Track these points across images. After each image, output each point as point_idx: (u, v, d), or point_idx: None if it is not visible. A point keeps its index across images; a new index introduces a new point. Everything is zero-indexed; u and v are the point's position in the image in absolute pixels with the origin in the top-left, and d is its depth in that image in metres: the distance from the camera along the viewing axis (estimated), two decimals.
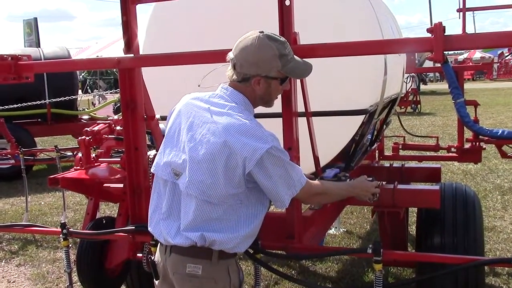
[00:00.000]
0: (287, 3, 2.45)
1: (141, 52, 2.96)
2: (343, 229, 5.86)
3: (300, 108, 2.61)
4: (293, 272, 4.74)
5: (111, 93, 17.38)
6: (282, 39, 2.18)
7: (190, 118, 2.15)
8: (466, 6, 6.04)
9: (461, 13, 5.94)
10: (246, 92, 2.17)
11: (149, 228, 2.29)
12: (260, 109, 2.28)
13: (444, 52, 2.22)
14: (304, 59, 2.26)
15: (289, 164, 2.10)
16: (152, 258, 2.35)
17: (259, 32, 2.13)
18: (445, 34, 2.17)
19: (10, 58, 3.08)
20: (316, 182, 2.33)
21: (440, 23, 2.13)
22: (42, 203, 7.75)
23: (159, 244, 2.29)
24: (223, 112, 2.10)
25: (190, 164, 2.08)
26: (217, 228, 2.10)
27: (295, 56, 2.21)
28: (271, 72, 2.13)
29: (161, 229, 2.20)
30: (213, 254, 2.11)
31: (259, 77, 2.12)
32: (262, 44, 2.09)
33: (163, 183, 2.23)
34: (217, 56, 2.68)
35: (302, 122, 2.63)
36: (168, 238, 2.17)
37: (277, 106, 2.56)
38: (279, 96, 2.52)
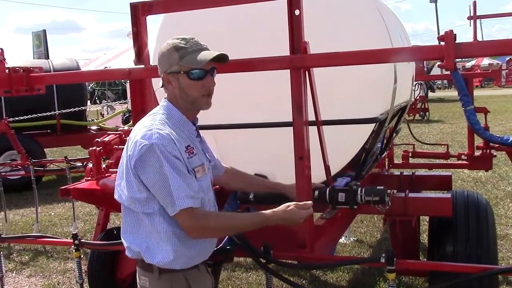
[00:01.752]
0: (297, 12, 2.46)
1: (151, 63, 2.98)
2: (354, 238, 5.83)
3: (311, 117, 2.60)
4: (303, 281, 4.71)
5: (119, 103, 17.44)
6: (188, 37, 2.12)
7: None
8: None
9: (471, 20, 5.93)
10: (170, 96, 2.18)
11: None
12: (271, 118, 2.26)
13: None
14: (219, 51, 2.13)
15: (173, 175, 1.96)
16: None
17: None
18: (456, 41, 2.17)
19: (22, 70, 3.11)
20: (205, 214, 2.09)
21: (451, 31, 2.13)
22: (52, 213, 7.77)
23: None
24: (143, 118, 2.16)
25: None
26: (141, 241, 2.10)
27: (209, 50, 2.13)
28: (172, 67, 2.10)
29: None
30: (153, 268, 2.10)
31: (165, 74, 2.13)
32: (164, 45, 2.14)
33: None
34: (228, 67, 2.70)
35: (312, 130, 2.62)
36: None
37: (288, 115, 2.57)
38: (289, 105, 2.52)
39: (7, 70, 3.07)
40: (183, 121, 2.15)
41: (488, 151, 5.31)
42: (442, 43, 2.21)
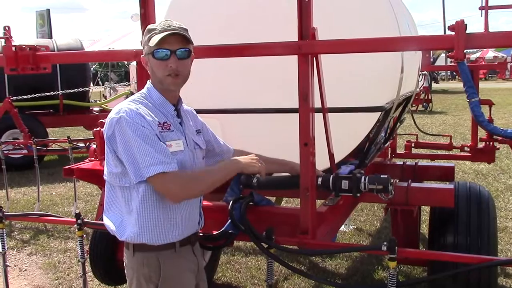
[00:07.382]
0: None
1: None
2: (353, 226, 5.85)
3: (317, 104, 2.59)
4: (303, 267, 4.74)
5: (122, 85, 17.40)
6: (167, 20, 2.18)
7: None
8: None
9: (483, 11, 5.85)
10: (151, 78, 2.26)
11: None
12: (276, 104, 2.25)
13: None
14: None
15: (141, 144, 2.00)
16: None
17: None
18: (466, 32, 2.15)
19: (28, 48, 3.10)
20: (178, 175, 2.08)
21: (462, 21, 2.12)
22: (53, 193, 7.80)
23: None
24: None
25: None
26: (117, 217, 2.18)
27: (179, 32, 2.12)
28: (144, 48, 2.20)
29: None
30: (129, 245, 2.18)
31: (143, 57, 2.24)
32: None
33: None
34: (235, 51, 2.69)
35: (317, 118, 2.62)
36: None
37: (294, 101, 2.56)
38: (296, 92, 2.52)
39: (13, 48, 3.05)
40: (161, 101, 2.21)
41: (491, 143, 5.31)
42: (452, 32, 2.20)
